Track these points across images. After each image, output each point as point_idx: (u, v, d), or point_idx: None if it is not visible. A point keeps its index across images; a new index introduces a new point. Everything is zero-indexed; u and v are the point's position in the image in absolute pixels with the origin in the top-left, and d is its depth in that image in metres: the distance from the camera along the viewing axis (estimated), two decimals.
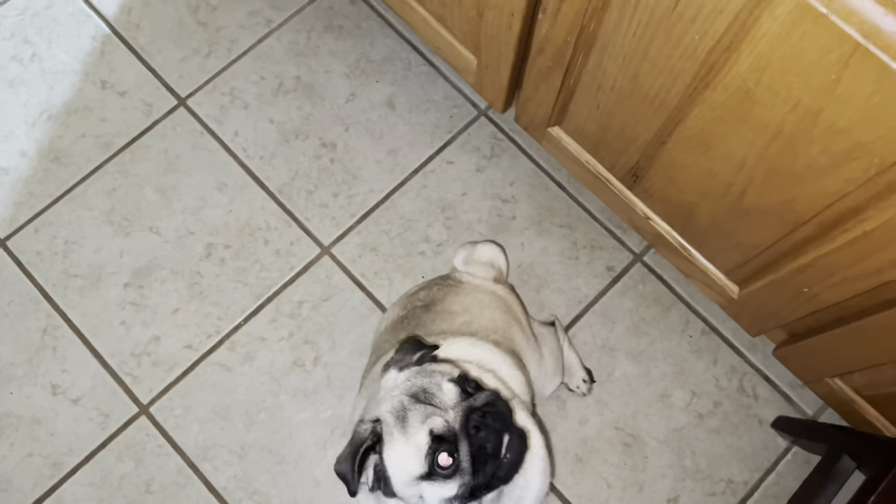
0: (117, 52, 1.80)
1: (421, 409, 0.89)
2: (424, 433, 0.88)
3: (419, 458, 0.88)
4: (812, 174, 0.97)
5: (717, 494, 1.54)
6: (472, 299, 1.30)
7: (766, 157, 1.02)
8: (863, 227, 0.97)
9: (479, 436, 0.89)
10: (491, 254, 1.50)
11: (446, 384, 0.92)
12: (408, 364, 0.97)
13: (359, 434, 0.92)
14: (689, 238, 1.37)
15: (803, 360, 1.36)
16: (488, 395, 0.92)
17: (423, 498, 0.90)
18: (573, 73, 1.24)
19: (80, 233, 1.67)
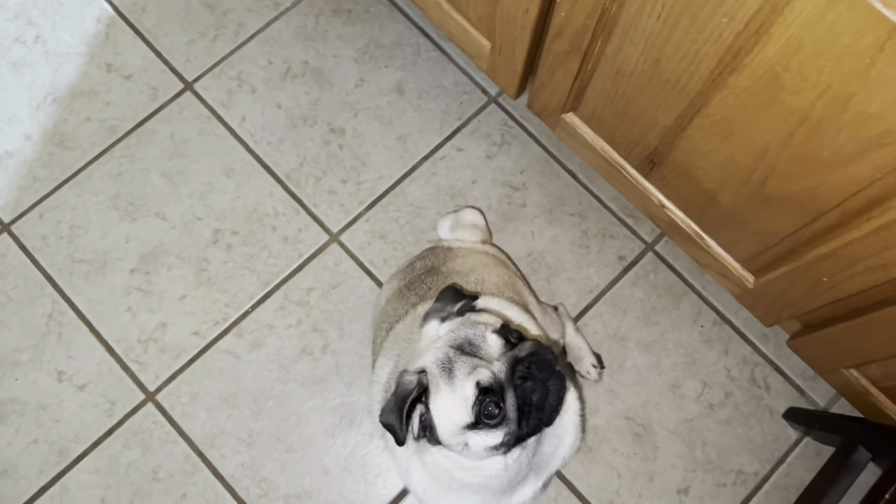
0: (122, 35, 1.77)
1: (467, 360, 0.89)
2: (471, 385, 0.88)
3: (466, 408, 0.88)
4: (838, 161, 0.95)
5: (728, 485, 1.53)
6: (473, 260, 1.31)
7: (790, 144, 1.00)
8: (889, 215, 0.95)
9: (525, 385, 0.89)
10: (474, 217, 1.53)
11: (490, 335, 0.91)
12: (449, 314, 0.96)
13: (404, 385, 0.91)
14: (705, 227, 1.36)
15: (818, 351, 1.35)
16: (532, 344, 0.92)
17: (468, 446, 0.90)
18: (591, 58, 1.22)
19: (85, 217, 1.64)
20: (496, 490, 1.05)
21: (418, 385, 0.90)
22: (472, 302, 1.00)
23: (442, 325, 0.96)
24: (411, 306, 1.21)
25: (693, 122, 1.13)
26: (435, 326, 0.97)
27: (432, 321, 0.97)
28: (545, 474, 1.12)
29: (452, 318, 0.97)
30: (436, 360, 0.92)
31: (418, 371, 0.91)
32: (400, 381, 0.91)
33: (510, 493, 1.09)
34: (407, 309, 1.21)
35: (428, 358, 0.92)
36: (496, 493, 1.06)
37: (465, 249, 1.38)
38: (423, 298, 1.22)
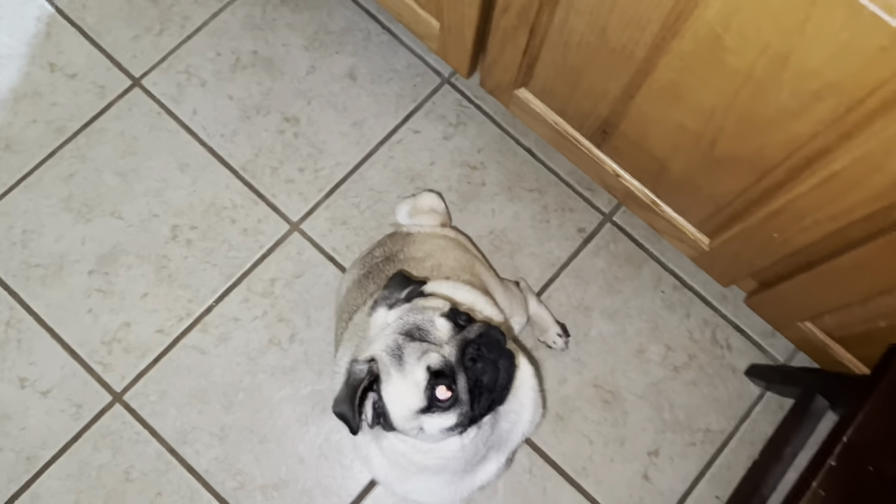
0: (65, 34, 1.73)
1: (416, 346, 0.90)
2: (422, 369, 0.88)
3: (418, 393, 0.89)
4: (782, 119, 0.98)
5: (697, 444, 1.57)
6: (431, 244, 1.31)
7: (736, 105, 1.03)
8: (832, 168, 0.99)
9: (475, 367, 0.90)
10: (432, 201, 1.53)
11: (439, 319, 0.92)
12: (397, 301, 0.97)
13: (355, 374, 0.91)
14: (660, 193, 1.39)
15: (775, 307, 1.39)
16: (481, 325, 0.93)
17: (423, 429, 0.91)
18: (539, 32, 1.23)
19: (38, 221, 1.61)
20: (456, 470, 1.06)
21: (368, 374, 0.90)
22: (419, 287, 1.00)
23: (390, 312, 0.97)
24: (369, 296, 1.22)
25: (641, 90, 1.16)
26: (383, 314, 0.97)
27: (380, 309, 0.98)
28: (506, 450, 1.13)
29: (400, 305, 0.97)
30: (385, 347, 0.92)
31: (368, 360, 0.92)
32: (350, 370, 0.92)
33: (473, 472, 1.10)
34: (365, 298, 1.21)
35: (377, 346, 0.93)
36: (457, 473, 1.07)
37: (423, 235, 1.38)
38: (380, 287, 1.22)
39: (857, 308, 1.21)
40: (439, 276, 1.20)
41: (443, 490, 1.08)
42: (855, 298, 1.19)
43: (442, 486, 1.08)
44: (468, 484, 1.11)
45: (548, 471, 1.54)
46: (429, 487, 1.07)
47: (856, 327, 1.26)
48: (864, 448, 1.10)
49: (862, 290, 1.16)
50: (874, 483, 1.09)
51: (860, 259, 1.10)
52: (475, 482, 1.12)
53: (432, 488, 1.08)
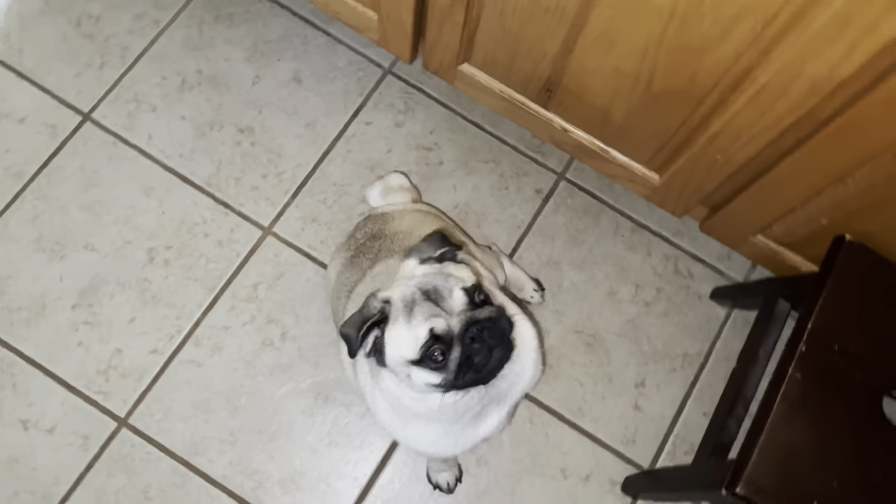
0: (5, 80, 1.75)
1: (428, 306, 0.96)
2: (425, 329, 0.95)
3: (415, 347, 0.95)
4: (708, 46, 1.09)
5: (678, 369, 1.69)
6: (411, 219, 1.39)
7: (665, 42, 1.13)
8: (757, 84, 1.10)
9: (472, 346, 0.97)
10: (400, 179, 1.61)
11: (458, 291, 0.98)
12: (428, 258, 1.03)
13: (369, 307, 0.98)
14: (607, 140, 1.49)
15: (727, 227, 1.51)
16: (492, 310, 0.99)
17: (410, 377, 0.98)
18: (475, 5, 1.32)
19: (11, 266, 1.63)
20: (450, 421, 1.11)
21: (380, 312, 0.97)
22: (454, 251, 1.06)
23: (419, 266, 1.03)
24: (367, 269, 1.28)
25: (578, 44, 1.25)
26: (412, 265, 1.03)
27: (412, 259, 1.04)
28: (507, 405, 1.18)
29: (430, 263, 1.03)
30: (402, 296, 0.99)
31: (384, 300, 0.98)
32: (366, 302, 0.99)
33: (474, 425, 1.15)
34: (364, 272, 1.27)
35: (396, 291, 1.00)
36: (455, 425, 1.13)
37: (399, 211, 1.46)
38: (375, 261, 1.29)
39: (800, 211, 1.34)
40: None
41: (442, 440, 1.14)
42: (796, 202, 1.31)
43: (440, 435, 1.13)
44: (470, 436, 1.16)
45: (546, 417, 1.63)
46: (427, 436, 1.13)
47: (801, 230, 1.38)
48: (827, 331, 1.22)
49: (801, 194, 1.28)
50: (840, 359, 1.21)
51: (795, 164, 1.22)
52: (477, 435, 1.17)
53: (431, 437, 1.13)
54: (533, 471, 1.60)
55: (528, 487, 1.59)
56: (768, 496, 1.14)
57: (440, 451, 1.19)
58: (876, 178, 1.16)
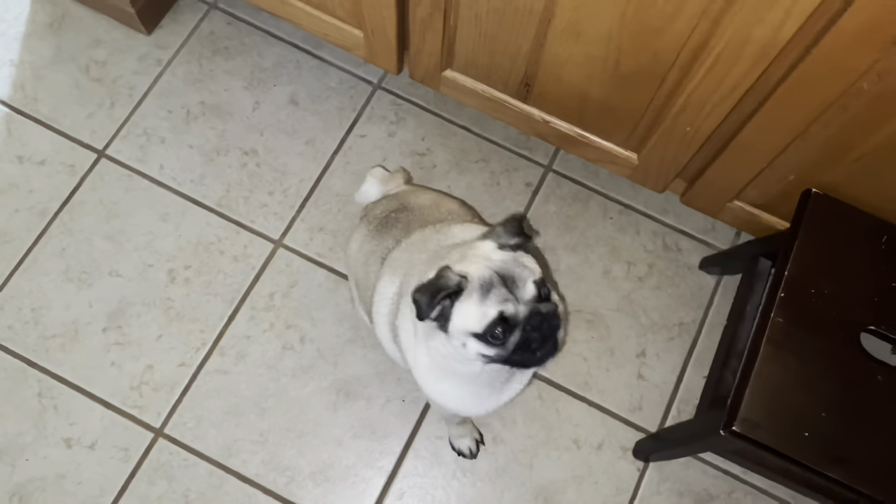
0: (24, 127, 1.87)
1: (504, 291, 1.07)
2: (496, 310, 1.06)
3: (482, 322, 1.06)
4: (664, 24, 1.21)
5: (675, 337, 1.78)
6: (427, 195, 1.49)
7: (625, 24, 1.25)
8: (713, 55, 1.21)
9: (531, 334, 1.09)
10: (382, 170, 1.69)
11: (530, 283, 1.09)
12: (505, 244, 1.13)
13: (446, 279, 1.07)
14: (585, 126, 1.60)
15: (705, 196, 1.62)
16: (552, 306, 1.11)
17: (465, 346, 1.09)
18: (452, 12, 1.44)
19: (43, 297, 1.74)
20: (482, 385, 1.23)
21: (458, 285, 1.07)
22: (527, 242, 1.16)
23: (497, 250, 1.13)
24: (401, 238, 1.36)
25: (548, 36, 1.37)
26: (490, 247, 1.13)
27: (490, 242, 1.13)
28: (528, 374, 1.31)
29: (507, 249, 1.13)
30: (480, 275, 1.08)
31: (461, 275, 1.08)
32: (442, 273, 1.08)
33: (500, 391, 1.28)
34: (398, 240, 1.36)
35: (473, 269, 1.09)
36: (484, 389, 1.24)
37: (407, 191, 1.55)
38: (409, 231, 1.37)
39: (769, 171, 1.44)
40: (458, 220, 1.37)
41: (469, 399, 1.25)
42: (764, 163, 1.42)
43: (470, 396, 1.25)
44: (494, 400, 1.28)
45: (555, 393, 1.72)
46: (458, 394, 1.24)
47: (773, 189, 1.49)
48: (802, 277, 1.32)
49: (767, 154, 1.39)
50: (817, 301, 1.31)
51: (757, 127, 1.33)
52: (500, 399, 1.29)
53: (461, 396, 1.24)
54: (548, 444, 1.69)
55: (544, 460, 1.68)
56: (763, 431, 1.23)
57: (465, 409, 1.29)
58: (830, 131, 1.27)
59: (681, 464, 1.69)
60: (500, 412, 1.70)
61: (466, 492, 1.65)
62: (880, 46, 1.06)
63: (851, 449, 1.22)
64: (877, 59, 1.09)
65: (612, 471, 1.68)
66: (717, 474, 1.69)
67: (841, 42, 1.08)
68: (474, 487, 1.66)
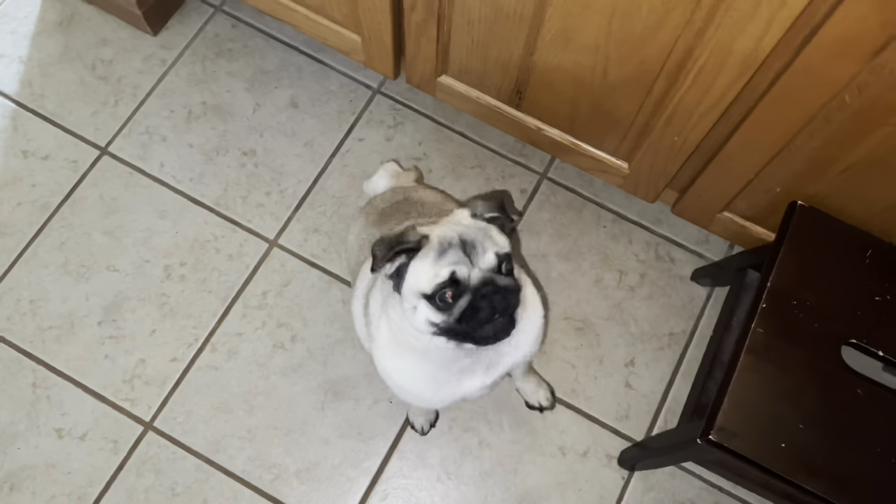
0: (30, 123, 1.91)
1: (459, 254, 1.05)
2: (448, 270, 1.04)
3: (432, 282, 1.04)
4: (649, 33, 1.22)
5: (665, 347, 1.78)
6: (434, 193, 1.50)
7: (612, 33, 1.26)
8: (698, 63, 1.22)
9: (480, 302, 1.05)
10: (395, 165, 1.73)
11: (491, 252, 1.06)
12: (480, 215, 1.12)
13: (408, 236, 1.07)
14: (577, 134, 1.61)
15: (695, 207, 1.62)
16: (512, 284, 1.07)
17: (416, 309, 1.07)
18: (445, 19, 1.46)
19: (42, 289, 1.77)
20: (438, 366, 1.18)
21: (416, 244, 1.06)
22: (507, 220, 1.14)
23: (469, 218, 1.12)
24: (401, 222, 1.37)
25: (538, 44, 1.39)
26: (464, 214, 1.12)
27: (466, 210, 1.13)
28: (494, 374, 1.25)
29: (479, 219, 1.12)
30: (441, 236, 1.07)
31: (423, 235, 1.07)
32: (406, 230, 1.08)
33: (458, 380, 1.23)
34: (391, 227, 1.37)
35: (437, 230, 1.08)
36: (440, 371, 1.20)
37: (414, 187, 1.56)
38: (405, 219, 1.38)
39: (756, 183, 1.45)
40: None
41: (424, 383, 1.22)
42: (751, 174, 1.42)
43: (425, 379, 1.21)
44: (451, 390, 1.23)
45: None
46: (413, 374, 1.21)
47: (761, 201, 1.50)
48: (785, 288, 1.32)
49: (753, 165, 1.40)
50: (799, 313, 1.31)
51: (743, 138, 1.34)
52: (458, 392, 1.24)
53: (416, 376, 1.21)
54: (533, 450, 1.69)
55: (529, 465, 1.68)
56: (739, 440, 1.23)
57: (421, 396, 1.26)
58: (815, 143, 1.27)
59: (666, 474, 1.69)
60: (487, 416, 1.71)
61: (451, 494, 1.66)
62: (860, 59, 1.07)
63: (828, 461, 1.22)
64: (857, 71, 1.09)
65: (596, 478, 1.68)
66: (702, 486, 1.69)
67: (821, 54, 1.09)
68: (458, 491, 1.66)
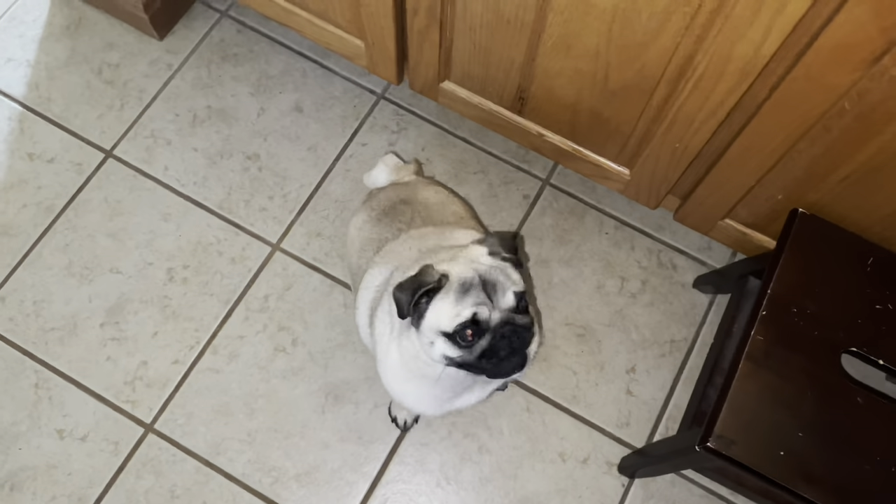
0: (36, 126, 1.93)
1: (481, 294, 1.08)
2: (470, 311, 1.07)
3: (454, 321, 1.07)
4: (649, 39, 1.22)
5: (666, 354, 1.78)
6: (437, 194, 1.52)
7: (612, 39, 1.26)
8: (699, 71, 1.22)
9: (500, 342, 1.10)
10: (395, 158, 1.74)
11: (510, 293, 1.10)
12: (496, 253, 1.15)
13: (427, 275, 1.09)
14: (578, 140, 1.62)
15: (696, 214, 1.62)
16: (527, 321, 1.12)
17: (433, 345, 1.10)
18: (447, 24, 1.47)
19: (45, 291, 1.78)
20: (444, 389, 1.24)
21: (437, 282, 1.09)
22: (517, 260, 1.18)
23: (486, 256, 1.15)
24: (401, 230, 1.39)
25: (539, 50, 1.39)
26: (481, 251, 1.15)
27: (483, 247, 1.16)
28: (490, 388, 1.33)
29: (497, 258, 1.16)
30: (461, 276, 1.10)
31: (443, 273, 1.10)
32: (424, 270, 1.10)
33: (458, 396, 1.29)
34: (396, 232, 1.39)
35: (456, 269, 1.11)
36: (446, 392, 1.26)
37: (415, 182, 1.57)
38: (410, 225, 1.40)
39: (757, 190, 1.44)
40: (467, 226, 1.41)
41: (427, 401, 1.28)
42: (752, 181, 1.42)
43: (429, 397, 1.27)
44: (448, 404, 1.31)
45: (543, 406, 1.73)
46: (419, 394, 1.26)
47: (762, 208, 1.49)
48: (785, 296, 1.32)
49: (754, 173, 1.39)
50: (799, 320, 1.30)
51: (744, 145, 1.34)
52: (454, 404, 1.31)
53: (421, 396, 1.26)
54: (533, 456, 1.69)
55: (529, 472, 1.68)
56: (738, 447, 1.22)
57: (420, 409, 1.32)
58: (815, 150, 1.27)
59: (667, 482, 1.68)
60: (487, 422, 1.71)
61: (450, 500, 1.66)
62: (859, 65, 1.07)
63: (827, 469, 1.21)
64: (856, 78, 1.09)
65: (596, 485, 1.67)
66: (703, 494, 1.68)
67: (820, 60, 1.09)
68: (458, 496, 1.66)
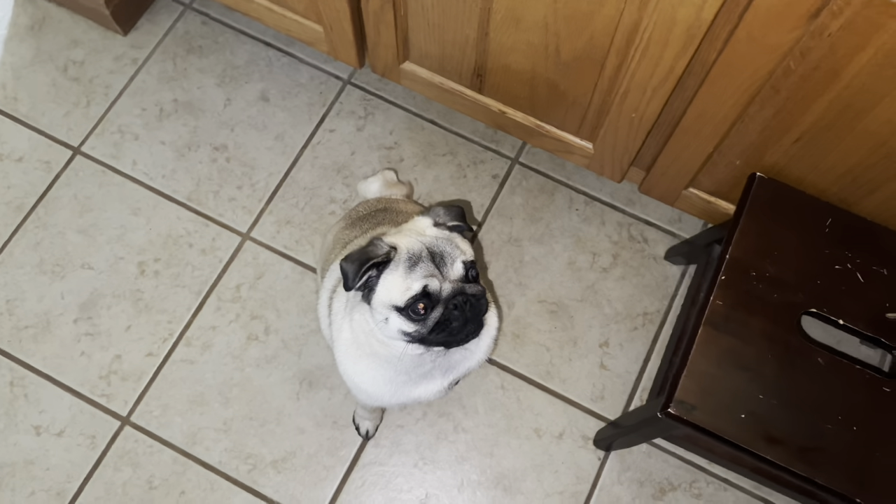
0: (3, 126, 1.93)
1: (430, 266, 1.07)
2: (420, 284, 1.06)
3: (405, 295, 1.06)
4: (594, 8, 1.22)
5: (639, 327, 1.78)
6: (409, 206, 1.51)
7: (558, 10, 1.26)
8: (644, 36, 1.22)
9: (453, 312, 1.08)
10: (393, 175, 1.76)
11: (459, 262, 1.09)
12: (442, 224, 1.14)
13: (375, 248, 1.08)
14: (539, 115, 1.61)
15: (660, 184, 1.62)
16: (479, 289, 1.11)
17: (387, 321, 1.09)
18: (401, 4, 1.46)
19: (18, 289, 1.79)
20: (401, 371, 1.21)
21: (385, 255, 1.07)
22: (466, 229, 1.17)
23: (432, 227, 1.14)
24: (365, 231, 1.39)
25: (490, 25, 1.39)
26: (426, 223, 1.14)
27: (427, 218, 1.14)
28: (451, 377, 1.29)
29: (443, 228, 1.14)
30: (409, 248, 1.09)
31: (391, 245, 1.09)
32: (372, 242, 1.09)
33: (416, 384, 1.26)
34: (361, 233, 1.39)
35: (404, 242, 1.09)
36: (400, 376, 1.23)
37: (398, 199, 1.58)
38: (377, 226, 1.40)
39: (716, 157, 1.44)
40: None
41: (384, 386, 1.24)
42: (710, 148, 1.42)
43: (385, 381, 1.24)
44: (406, 393, 1.27)
45: (517, 383, 1.73)
46: (373, 376, 1.23)
47: (723, 175, 1.49)
48: (743, 259, 1.32)
49: (711, 139, 1.39)
50: (758, 283, 1.30)
51: (697, 111, 1.34)
52: (412, 394, 1.28)
53: (376, 378, 1.23)
54: (508, 433, 1.69)
55: (505, 449, 1.68)
56: (699, 412, 1.23)
57: (376, 396, 1.28)
58: (766, 113, 1.27)
59: (643, 453, 1.69)
60: (461, 401, 1.71)
61: (427, 479, 1.66)
62: (797, 23, 1.06)
63: (788, 430, 1.21)
64: (797, 36, 1.09)
65: (572, 459, 1.68)
66: (678, 464, 1.68)
67: (760, 20, 1.08)
68: (435, 475, 1.66)
